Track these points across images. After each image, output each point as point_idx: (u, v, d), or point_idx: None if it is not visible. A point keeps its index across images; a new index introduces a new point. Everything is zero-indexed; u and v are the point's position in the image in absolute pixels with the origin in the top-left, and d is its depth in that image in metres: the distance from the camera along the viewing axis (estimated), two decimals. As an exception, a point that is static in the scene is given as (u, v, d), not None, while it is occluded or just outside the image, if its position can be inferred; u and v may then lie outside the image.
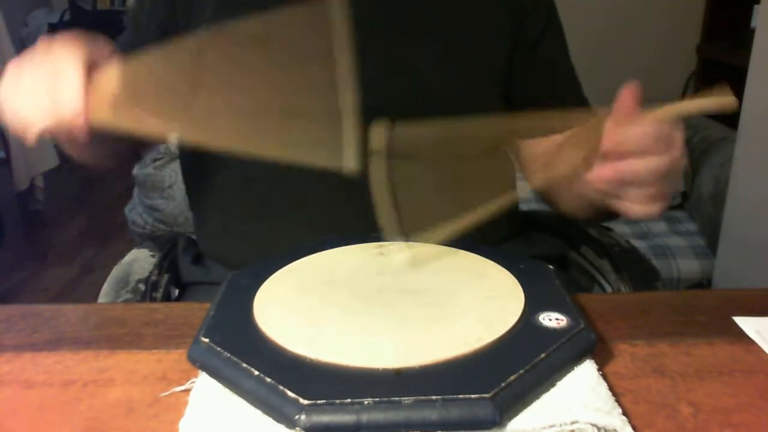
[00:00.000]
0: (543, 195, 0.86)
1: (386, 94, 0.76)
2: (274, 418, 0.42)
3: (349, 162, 0.54)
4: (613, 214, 0.74)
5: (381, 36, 0.77)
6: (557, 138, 0.83)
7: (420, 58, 0.77)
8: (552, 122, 0.59)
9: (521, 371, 0.43)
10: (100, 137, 0.58)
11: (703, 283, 1.66)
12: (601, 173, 0.56)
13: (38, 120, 0.56)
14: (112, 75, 0.58)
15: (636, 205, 0.58)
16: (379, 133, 0.54)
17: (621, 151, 0.55)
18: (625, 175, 0.56)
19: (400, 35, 0.77)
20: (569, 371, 0.47)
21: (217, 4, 0.75)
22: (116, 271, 0.79)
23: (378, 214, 0.59)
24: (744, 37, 1.98)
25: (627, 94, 0.56)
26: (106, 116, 0.56)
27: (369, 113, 0.76)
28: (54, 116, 0.56)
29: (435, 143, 0.58)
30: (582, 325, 0.49)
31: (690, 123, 2.08)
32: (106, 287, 0.76)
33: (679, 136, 0.57)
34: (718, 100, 0.57)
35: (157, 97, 0.58)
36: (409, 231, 0.60)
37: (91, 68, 0.57)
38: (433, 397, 0.41)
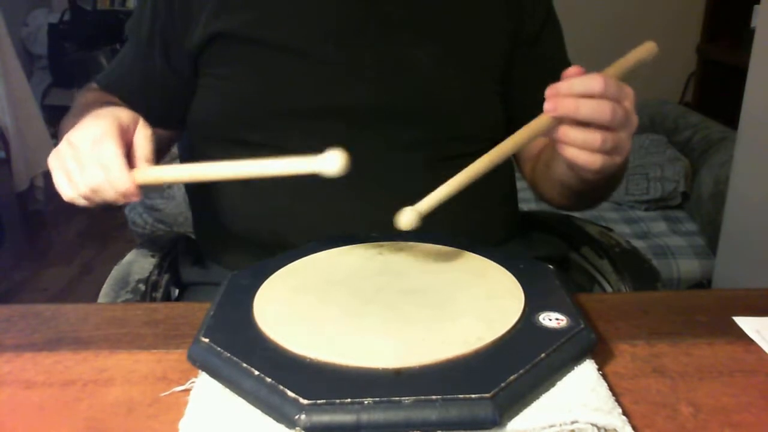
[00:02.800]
0: (532, 187, 0.87)
1: (386, 92, 0.76)
2: (274, 418, 0.42)
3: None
4: (586, 196, 0.75)
5: (381, 35, 0.77)
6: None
7: (419, 56, 0.77)
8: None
9: (521, 371, 0.43)
10: None
11: (703, 283, 1.65)
12: (547, 105, 0.57)
13: (90, 195, 0.61)
14: (145, 139, 0.63)
15: (581, 152, 0.58)
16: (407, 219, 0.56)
17: (564, 99, 0.57)
18: (569, 106, 0.56)
19: (399, 34, 0.77)
20: (569, 371, 0.47)
21: (213, 10, 0.75)
22: (116, 272, 0.79)
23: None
24: (744, 37, 1.98)
25: (571, 69, 0.58)
26: (148, 178, 0.61)
27: (369, 111, 0.76)
28: (108, 196, 0.60)
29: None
30: (582, 325, 0.49)
31: (690, 123, 2.08)
32: (106, 287, 0.76)
33: (628, 92, 0.58)
34: (643, 48, 0.61)
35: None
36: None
37: (125, 138, 0.61)
38: (433, 397, 0.41)
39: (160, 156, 0.87)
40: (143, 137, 0.63)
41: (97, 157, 0.59)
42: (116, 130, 0.60)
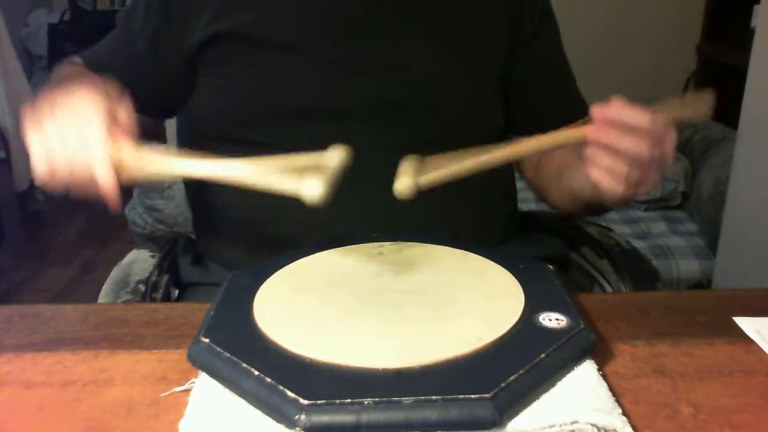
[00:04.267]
0: (535, 188, 0.87)
1: (386, 91, 0.76)
2: (274, 418, 0.42)
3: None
4: (596, 208, 0.75)
5: (381, 34, 0.77)
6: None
7: (419, 56, 0.77)
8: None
9: (521, 371, 0.43)
10: None
11: (703, 283, 1.65)
12: (591, 132, 0.57)
13: (68, 174, 0.56)
14: (127, 114, 0.59)
15: (607, 178, 0.59)
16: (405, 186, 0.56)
17: (614, 121, 0.57)
18: (610, 137, 0.57)
19: (399, 33, 0.77)
20: (569, 371, 0.47)
21: (213, 10, 0.75)
22: (116, 272, 0.79)
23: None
24: (744, 37, 1.98)
25: (615, 99, 0.58)
26: (130, 165, 0.56)
27: (369, 111, 0.76)
28: (84, 172, 0.55)
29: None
30: (582, 325, 0.49)
31: (690, 123, 2.08)
32: (106, 288, 0.76)
33: (671, 136, 0.58)
34: (698, 103, 0.61)
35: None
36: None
37: (109, 117, 0.57)
38: (433, 397, 0.41)
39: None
40: (125, 112, 0.59)
41: (78, 127, 0.55)
42: (102, 102, 0.57)
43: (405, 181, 0.55)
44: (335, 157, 0.55)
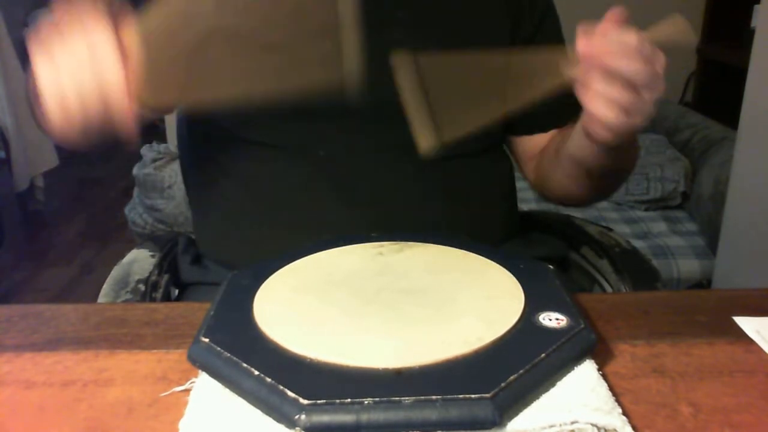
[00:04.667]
0: (540, 185, 0.86)
1: (386, 92, 0.76)
2: (274, 418, 0.42)
3: (350, 74, 0.53)
4: (599, 179, 0.73)
5: (380, 34, 0.77)
6: (554, 134, 0.83)
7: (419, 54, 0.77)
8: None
9: (521, 371, 0.43)
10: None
11: (703, 283, 1.66)
12: (581, 48, 0.56)
13: (82, 99, 0.53)
14: (134, 40, 0.55)
15: (606, 108, 0.57)
16: (403, 62, 0.54)
17: (598, 46, 0.56)
18: (604, 58, 0.55)
19: (399, 33, 0.77)
20: (569, 371, 0.47)
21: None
22: (116, 272, 0.79)
23: (409, 114, 0.57)
24: (744, 37, 1.98)
25: (613, 14, 0.56)
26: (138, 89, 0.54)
27: (369, 111, 0.76)
28: (98, 92, 0.53)
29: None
30: (582, 325, 0.49)
31: (690, 123, 2.08)
32: (106, 287, 0.76)
33: (660, 57, 0.57)
34: (674, 26, 0.60)
35: (174, 58, 0.56)
36: (440, 126, 0.58)
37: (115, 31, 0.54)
38: (433, 397, 0.41)
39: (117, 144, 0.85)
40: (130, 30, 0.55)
41: (90, 50, 0.53)
42: (109, 24, 0.54)
43: (428, 141, 0.54)
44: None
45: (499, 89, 0.60)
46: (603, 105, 0.57)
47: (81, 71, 0.52)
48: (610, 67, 0.56)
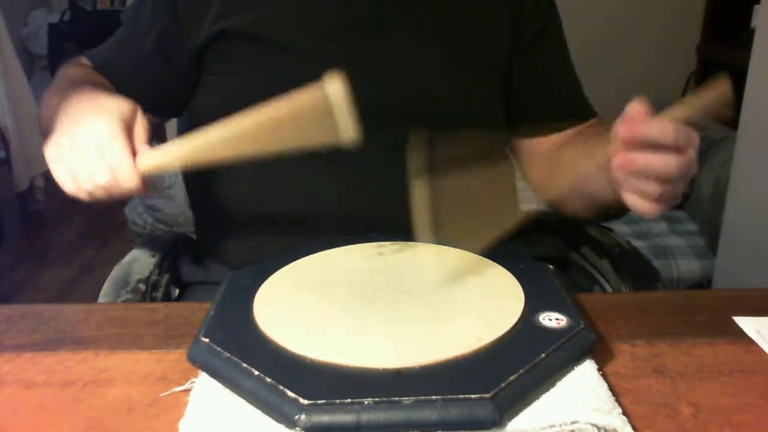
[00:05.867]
0: (541, 190, 0.86)
1: (387, 92, 0.76)
2: (274, 418, 0.42)
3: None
4: (615, 213, 0.74)
5: (383, 34, 0.77)
6: (557, 138, 0.83)
7: (420, 56, 0.77)
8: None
9: (521, 371, 0.43)
10: None
11: (703, 283, 1.65)
12: (618, 160, 0.55)
13: (96, 192, 0.59)
14: (143, 129, 0.61)
15: (641, 201, 0.57)
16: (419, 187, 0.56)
17: (639, 141, 0.55)
18: (639, 164, 0.55)
19: (401, 34, 0.77)
20: (569, 371, 0.47)
21: (218, 8, 0.75)
22: (116, 271, 0.78)
23: (416, 226, 0.58)
24: (744, 37, 1.98)
25: (636, 105, 0.56)
26: (152, 164, 0.59)
27: (369, 111, 0.76)
28: (116, 192, 0.59)
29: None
30: (582, 325, 0.49)
31: (690, 123, 2.07)
32: (106, 287, 0.76)
33: (695, 142, 0.56)
34: (718, 91, 0.56)
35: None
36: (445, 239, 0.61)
37: (129, 133, 0.60)
38: (433, 397, 0.41)
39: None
40: (142, 128, 0.61)
41: (104, 158, 0.57)
42: (122, 127, 0.58)
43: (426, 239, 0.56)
44: (335, 89, 0.55)
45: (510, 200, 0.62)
46: (642, 201, 0.57)
47: (94, 175, 0.58)
48: (647, 171, 0.55)
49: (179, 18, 0.77)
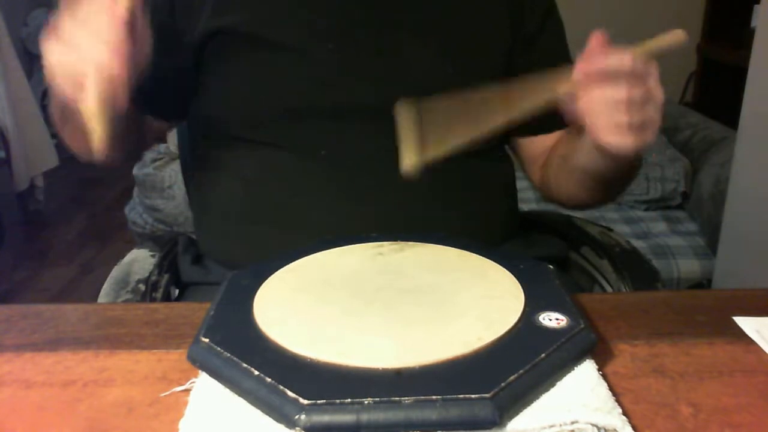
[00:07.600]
0: (545, 189, 0.86)
1: (385, 91, 0.76)
2: (274, 418, 0.42)
3: None
4: (609, 185, 0.74)
5: (381, 33, 0.77)
6: (557, 137, 0.83)
7: (419, 55, 0.77)
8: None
9: (521, 371, 0.43)
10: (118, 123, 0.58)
11: (703, 283, 1.65)
12: (578, 70, 0.58)
13: (83, 66, 0.55)
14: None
15: (615, 135, 0.59)
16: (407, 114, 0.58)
17: (599, 72, 0.57)
18: (600, 65, 0.57)
19: (399, 33, 0.77)
20: (569, 371, 0.47)
21: (213, 6, 0.75)
22: (116, 272, 0.79)
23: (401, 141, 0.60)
24: (744, 37, 1.98)
25: (596, 37, 0.58)
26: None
27: (368, 110, 0.76)
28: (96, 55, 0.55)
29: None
30: (582, 325, 0.49)
31: (690, 123, 2.07)
32: (106, 287, 0.76)
33: (654, 69, 0.58)
34: (672, 36, 0.61)
35: None
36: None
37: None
38: (433, 397, 0.41)
39: (141, 145, 0.87)
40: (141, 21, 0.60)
41: (99, 34, 0.55)
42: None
43: (410, 160, 0.56)
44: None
45: (492, 109, 0.63)
46: (613, 133, 0.59)
47: (79, 39, 0.55)
48: (608, 100, 0.57)
49: (176, 15, 0.76)
